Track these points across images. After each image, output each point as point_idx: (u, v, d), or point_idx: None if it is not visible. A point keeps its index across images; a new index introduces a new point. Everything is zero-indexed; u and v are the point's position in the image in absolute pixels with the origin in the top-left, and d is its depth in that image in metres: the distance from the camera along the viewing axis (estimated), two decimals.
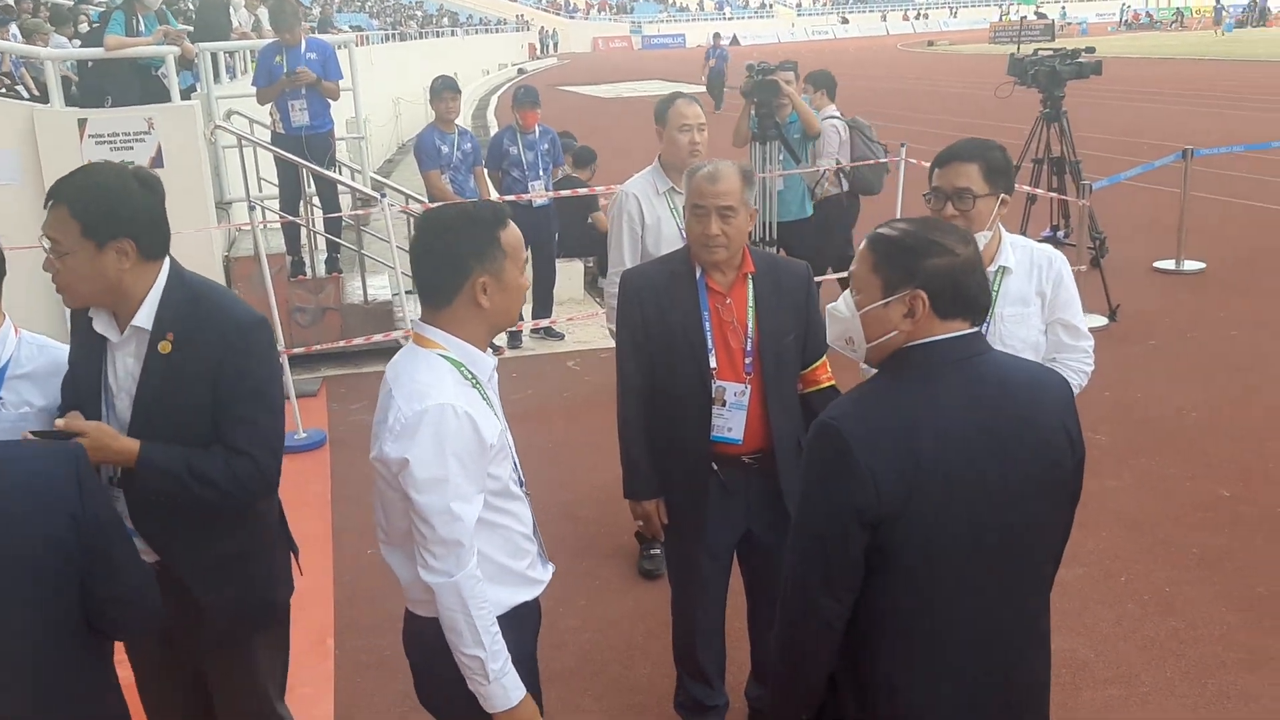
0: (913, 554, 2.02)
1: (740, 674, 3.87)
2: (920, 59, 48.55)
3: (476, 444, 2.30)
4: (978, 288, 2.09)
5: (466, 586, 2.30)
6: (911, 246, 2.08)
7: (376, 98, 18.42)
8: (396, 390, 2.33)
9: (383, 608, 4.58)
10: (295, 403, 6.53)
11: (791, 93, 7.30)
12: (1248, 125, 18.66)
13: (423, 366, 2.33)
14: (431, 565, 2.30)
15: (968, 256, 2.08)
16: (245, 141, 8.37)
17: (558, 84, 38.72)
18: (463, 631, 2.32)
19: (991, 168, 3.05)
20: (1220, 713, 3.77)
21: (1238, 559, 4.75)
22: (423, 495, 2.26)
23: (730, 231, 3.18)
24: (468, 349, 2.38)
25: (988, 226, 3.07)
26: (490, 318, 2.39)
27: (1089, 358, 3.28)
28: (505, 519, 2.45)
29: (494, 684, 2.35)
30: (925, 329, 2.07)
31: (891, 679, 2.08)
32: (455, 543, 2.29)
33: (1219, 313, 8.32)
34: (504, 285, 2.37)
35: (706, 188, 3.18)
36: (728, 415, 3.27)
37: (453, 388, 2.30)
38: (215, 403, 2.56)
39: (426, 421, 2.25)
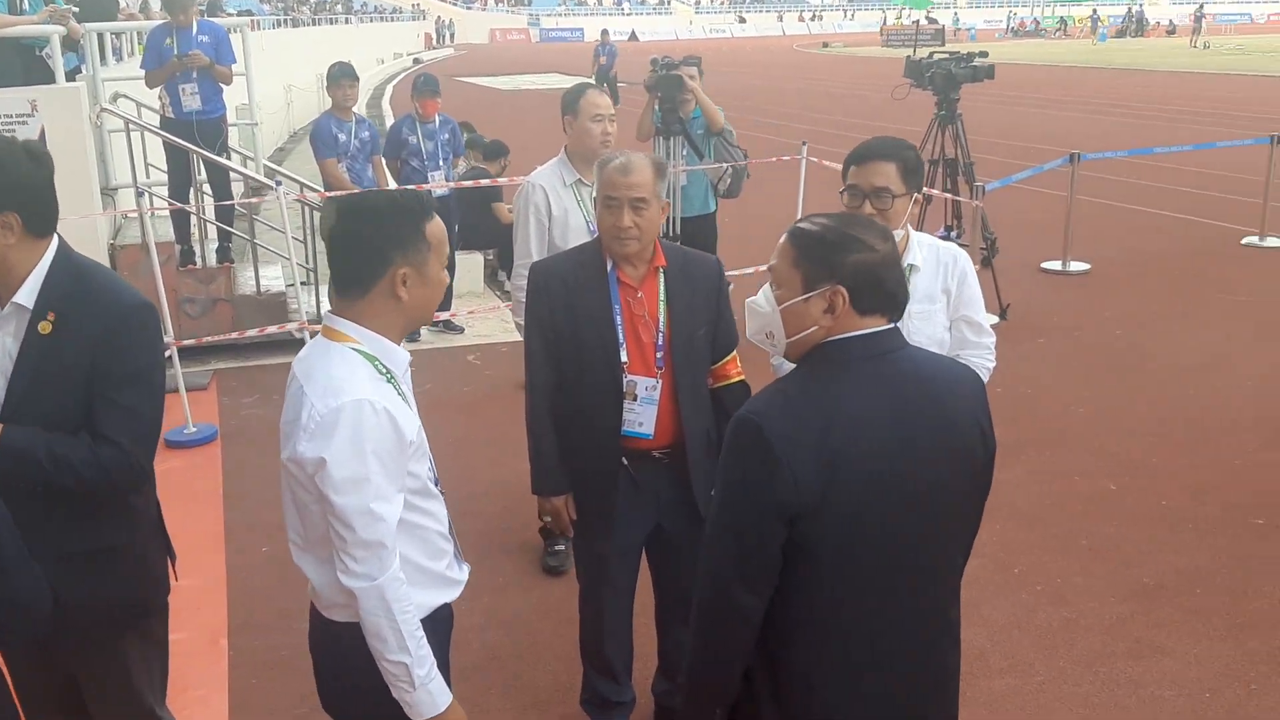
0: (829, 548, 2.03)
1: (647, 669, 3.86)
2: (816, 60, 49.29)
3: (396, 441, 2.22)
4: (896, 284, 2.10)
5: (390, 590, 2.22)
6: (833, 242, 2.08)
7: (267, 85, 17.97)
8: (308, 386, 2.22)
9: (277, 605, 4.46)
10: (185, 396, 6.32)
11: (695, 88, 7.30)
12: (1126, 130, 19.37)
13: (336, 361, 2.23)
14: (352, 569, 2.21)
15: (887, 252, 2.10)
16: (133, 126, 8.08)
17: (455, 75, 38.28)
18: (387, 637, 2.23)
19: (907, 167, 3.11)
20: (1109, 700, 3.88)
21: (1125, 550, 4.90)
22: (342, 496, 2.16)
23: (642, 224, 3.16)
24: (382, 343, 2.29)
25: (900, 225, 3.11)
26: (408, 311, 2.31)
27: (991, 354, 3.35)
28: (424, 519, 2.37)
29: (420, 690, 2.27)
30: (844, 325, 2.07)
31: (808, 674, 2.09)
32: (378, 544, 2.20)
33: (1103, 312, 8.60)
34: (425, 278, 2.29)
35: (619, 179, 3.15)
36: (639, 410, 3.25)
37: (368, 383, 2.21)
38: (90, 385, 2.44)
39: (343, 419, 2.15)
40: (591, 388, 3.24)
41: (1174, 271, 9.81)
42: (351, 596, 2.23)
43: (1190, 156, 14.19)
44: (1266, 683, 3.94)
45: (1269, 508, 5.25)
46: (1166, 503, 5.34)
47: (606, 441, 3.25)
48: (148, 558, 2.75)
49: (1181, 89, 29.30)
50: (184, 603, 4.47)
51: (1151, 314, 8.53)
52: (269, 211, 8.74)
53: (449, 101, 10.68)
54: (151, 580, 2.77)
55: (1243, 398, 6.70)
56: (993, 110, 22.15)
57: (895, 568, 2.07)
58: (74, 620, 2.55)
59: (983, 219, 8.77)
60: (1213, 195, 13.12)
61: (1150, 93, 28.35)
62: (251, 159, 9.62)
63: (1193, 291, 9.15)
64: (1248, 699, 3.86)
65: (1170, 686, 3.93)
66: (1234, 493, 5.42)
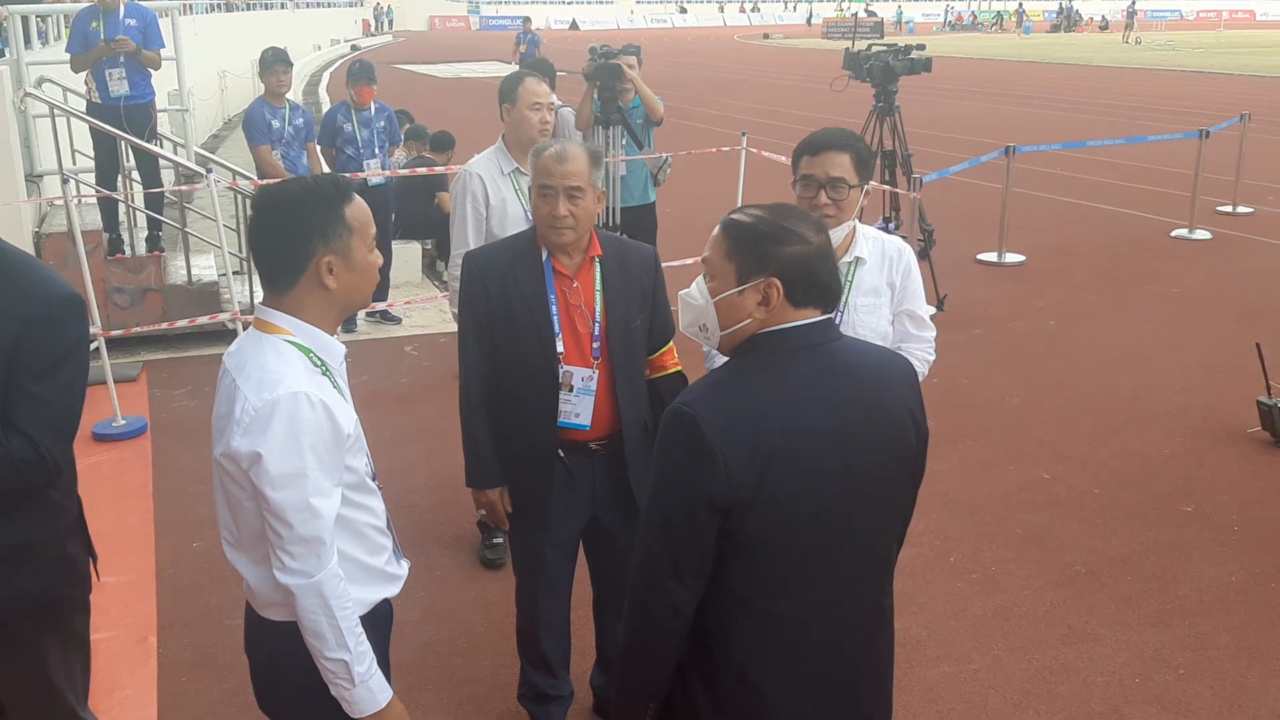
0: (763, 539, 2.02)
1: (585, 662, 3.84)
2: (757, 51, 49.45)
3: (333, 434, 2.16)
4: (830, 275, 2.09)
5: (329, 586, 2.16)
6: (766, 234, 2.07)
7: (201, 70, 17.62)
8: (241, 380, 2.16)
9: (208, 602, 4.37)
10: (113, 388, 6.17)
11: (634, 77, 7.28)
12: (1061, 124, 19.66)
13: (270, 353, 2.17)
14: (289, 566, 2.15)
15: (820, 244, 2.09)
16: (58, 111, 7.86)
17: (393, 62, 37.87)
18: (325, 635, 2.18)
19: (861, 159, 3.11)
20: (1042, 687, 3.93)
21: (1057, 538, 4.97)
22: (278, 491, 2.11)
23: (578, 213, 3.12)
24: (316, 334, 2.24)
25: (852, 217, 3.11)
26: (338, 300, 2.25)
27: (931, 347, 3.38)
28: (361, 514, 2.32)
29: (359, 687, 2.23)
30: (779, 317, 2.06)
31: (742, 665, 2.08)
32: (315, 540, 2.15)
33: (1037, 303, 8.72)
34: (351, 265, 2.23)
35: (554, 167, 3.11)
36: (575, 401, 3.22)
37: (304, 375, 2.16)
38: (6, 375, 2.37)
39: (279, 412, 2.10)
40: (527, 379, 3.20)
41: (1106, 263, 9.97)
42: (288, 594, 2.17)
43: (1123, 150, 14.45)
44: (1194, 668, 4.02)
45: (1196, 495, 5.35)
46: (1098, 491, 5.42)
47: (542, 433, 3.22)
48: (69, 554, 2.67)
49: (1115, 83, 29.82)
50: (112, 600, 4.40)
51: (1084, 305, 8.67)
52: (201, 200, 8.58)
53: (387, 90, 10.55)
54: (74, 577, 2.69)
55: (1171, 387, 6.83)
56: (930, 102, 22.37)
57: (829, 558, 2.06)
58: None
59: (920, 211, 8.84)
60: (1144, 188, 13.38)
61: (1085, 86, 28.82)
62: (183, 146, 9.43)
63: (1124, 283, 9.31)
64: (1176, 684, 3.93)
65: (1101, 672, 3.99)
66: (1162, 481, 5.52)
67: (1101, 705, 3.82)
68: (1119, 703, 3.83)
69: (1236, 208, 11.90)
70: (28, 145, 8.05)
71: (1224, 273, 9.61)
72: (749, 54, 46.87)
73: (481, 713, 3.78)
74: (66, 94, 8.83)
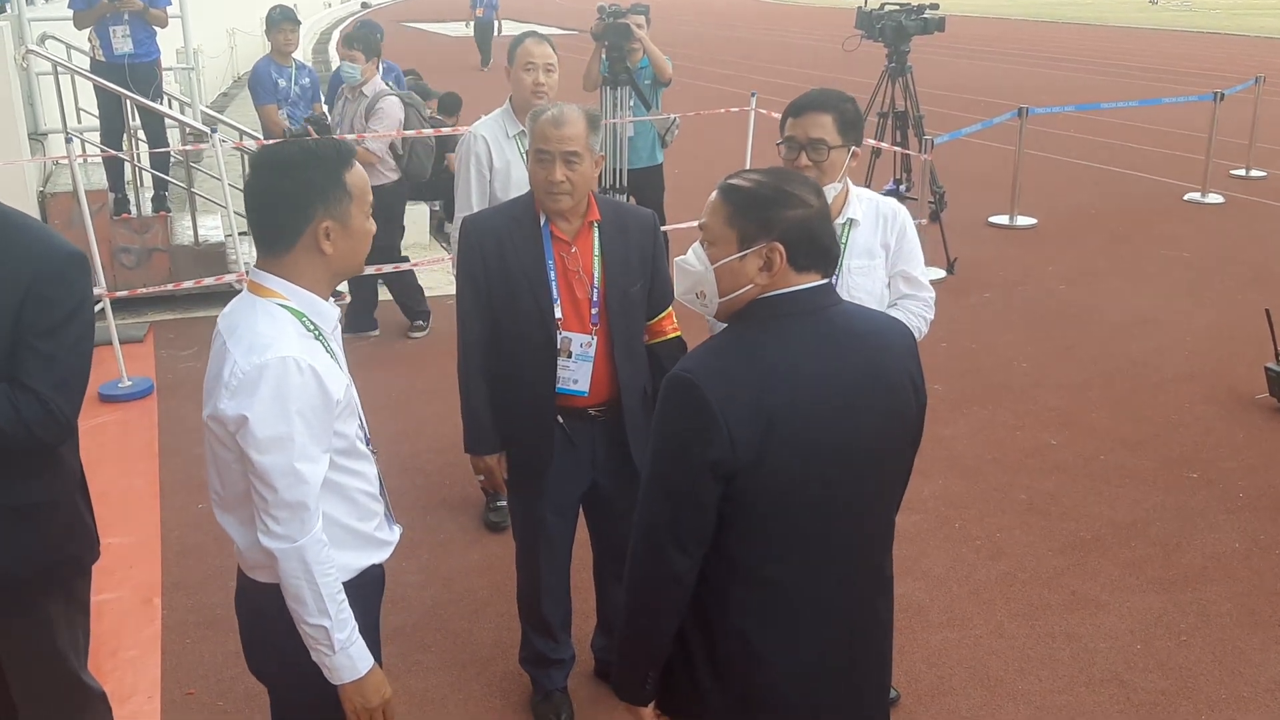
0: (765, 506, 2.01)
1: (586, 626, 3.85)
2: (771, 9, 48.93)
3: (321, 400, 2.15)
4: (830, 239, 2.08)
5: (311, 552, 2.16)
6: (768, 198, 2.04)
7: (210, 28, 17.51)
8: (232, 342, 2.15)
9: (212, 563, 4.40)
10: (119, 349, 6.17)
11: (643, 36, 7.20)
12: (1075, 85, 19.45)
13: (261, 317, 2.16)
14: (273, 530, 2.15)
15: (820, 208, 2.07)
16: (61, 68, 7.81)
17: (403, 20, 37.59)
18: (306, 600, 2.18)
19: (845, 119, 3.06)
20: (1045, 653, 3.93)
21: (1062, 504, 4.96)
22: (264, 455, 2.11)
23: (575, 178, 3.08)
24: (309, 298, 2.22)
25: (838, 178, 3.08)
26: (333, 264, 2.23)
27: (929, 307, 3.34)
28: (351, 479, 2.31)
29: (339, 654, 2.23)
30: (780, 281, 2.04)
31: (744, 632, 2.07)
32: (300, 505, 2.14)
33: (1048, 266, 8.65)
34: (349, 230, 2.21)
35: (551, 132, 3.06)
36: (574, 367, 3.19)
37: (295, 340, 2.15)
38: (14, 335, 2.37)
39: (267, 376, 2.09)
40: (525, 345, 3.18)
41: (1118, 227, 9.89)
42: (271, 558, 2.18)
43: (1137, 112, 14.31)
44: (1196, 634, 4.01)
45: (1203, 461, 5.33)
46: (1104, 457, 5.40)
47: (541, 400, 3.20)
48: (80, 514, 2.68)
49: (1130, 44, 29.46)
50: (117, 561, 4.42)
51: (1095, 269, 8.60)
52: (208, 160, 8.54)
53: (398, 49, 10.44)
54: (84, 538, 2.71)
55: (1180, 352, 6.78)
56: (943, 63, 22.14)
57: (830, 524, 2.05)
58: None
59: (931, 172, 8.76)
60: (1158, 151, 13.24)
61: (1099, 47, 28.48)
62: (189, 105, 9.37)
63: (1136, 247, 9.24)
64: (1178, 650, 3.93)
65: (1104, 639, 3.99)
66: (1169, 446, 5.50)
67: (1103, 671, 3.82)
68: (1120, 668, 3.83)
69: (1250, 171, 11.77)
70: (31, 103, 8.01)
71: (1236, 237, 9.52)
72: (763, 12, 46.39)
73: (483, 676, 3.80)
74: (70, 51, 8.77)
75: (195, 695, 3.72)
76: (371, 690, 2.30)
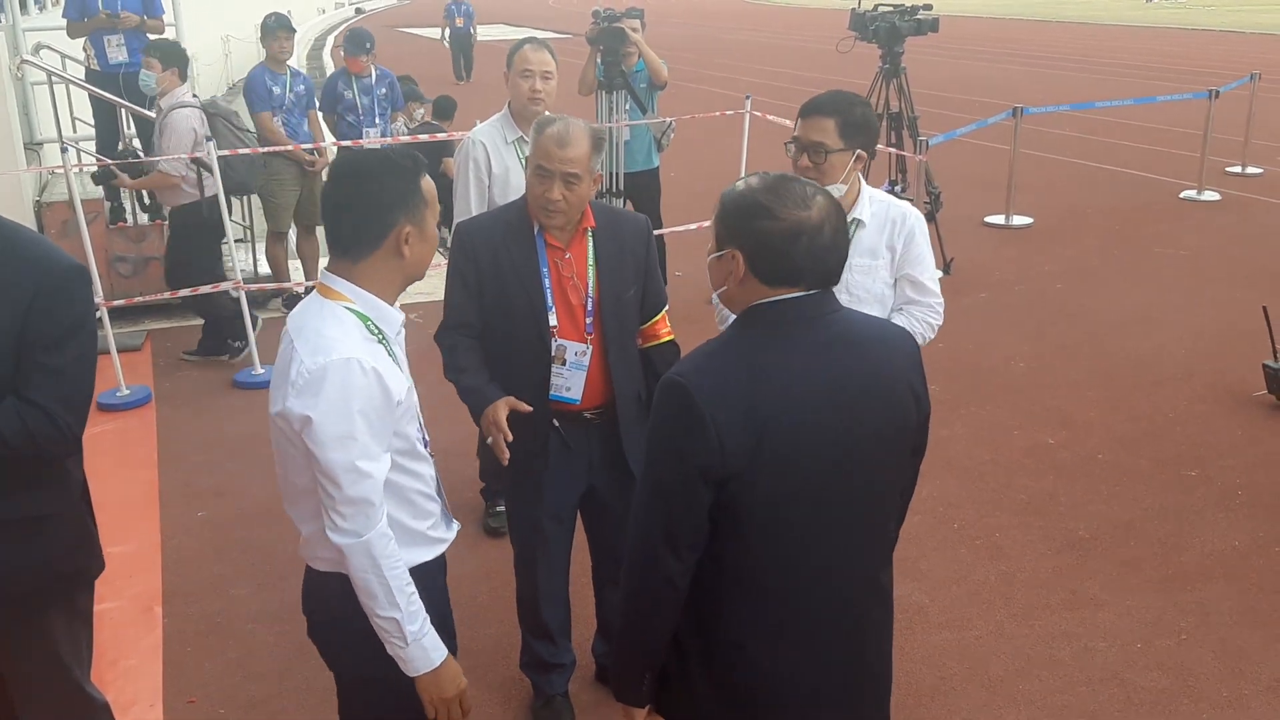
0: (760, 513, 2.00)
1: (587, 630, 3.85)
2: (767, 11, 48.99)
3: (383, 401, 2.23)
4: (809, 256, 2.00)
5: (378, 546, 2.23)
6: (741, 206, 2.04)
7: (205, 36, 17.52)
8: (299, 343, 2.23)
9: (212, 572, 4.39)
10: (116, 358, 6.17)
11: (639, 40, 7.20)
12: (1070, 84, 19.48)
13: (329, 319, 2.24)
14: (340, 526, 2.22)
15: (796, 223, 1.99)
16: (56, 78, 7.82)
17: (398, 25, 37.60)
18: (376, 593, 2.25)
19: (848, 123, 3.07)
20: (1044, 653, 3.93)
21: (1061, 503, 4.96)
22: (328, 453, 2.18)
23: (572, 198, 3.06)
24: (376, 302, 2.30)
25: (841, 180, 3.09)
26: (407, 269, 2.32)
27: (935, 313, 3.35)
28: (409, 480, 2.39)
29: (413, 645, 2.29)
30: (752, 290, 2.04)
31: (740, 639, 2.07)
32: (364, 501, 2.22)
33: (1045, 266, 8.66)
34: (425, 235, 2.31)
35: (554, 151, 3.02)
36: (567, 375, 3.19)
37: (359, 342, 2.23)
38: (18, 349, 2.38)
39: (331, 376, 2.17)
40: (519, 352, 3.18)
41: (1114, 225, 9.90)
42: (340, 554, 2.25)
43: (1132, 111, 14.32)
44: (1195, 632, 4.02)
45: (1201, 459, 5.34)
46: (1102, 456, 5.40)
47: (536, 405, 3.18)
48: (86, 526, 2.69)
49: (1124, 43, 29.51)
50: (117, 571, 4.40)
51: (1091, 268, 8.61)
52: None
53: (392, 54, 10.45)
54: (90, 549, 2.71)
55: (1178, 350, 6.79)
56: (939, 63, 22.17)
57: (825, 532, 2.05)
58: (5, 591, 2.49)
59: (927, 173, 8.78)
60: (1153, 149, 13.26)
61: (1094, 46, 28.53)
62: None
63: (1132, 245, 9.25)
64: (1177, 649, 3.93)
65: (1103, 638, 4.00)
66: (1167, 445, 5.51)
67: (1102, 671, 3.82)
68: (1120, 668, 3.83)
69: (1246, 168, 11.79)
70: (26, 113, 8.01)
71: (1233, 234, 9.54)
72: (759, 14, 46.44)
73: (484, 681, 3.80)
74: (65, 61, 8.77)
75: (197, 704, 3.72)
76: (447, 681, 2.37)
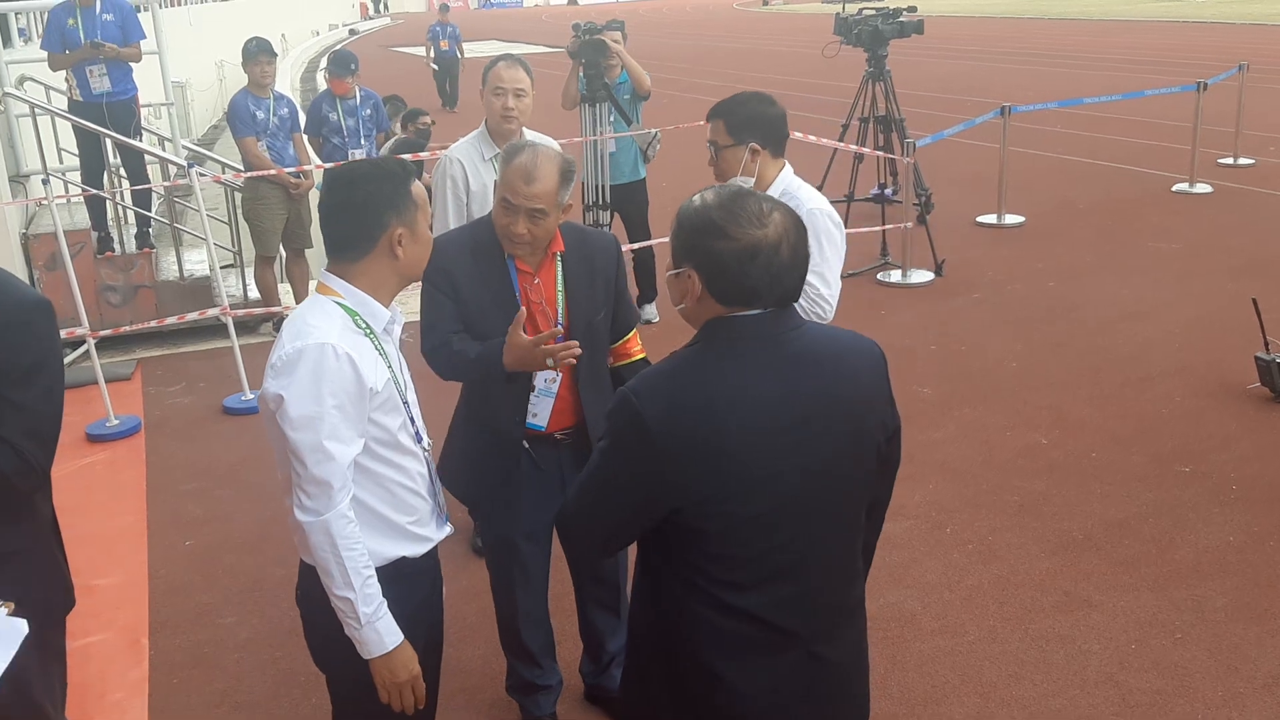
0: (720, 534, 1.97)
1: (574, 650, 3.81)
2: (756, 19, 49.04)
3: (356, 386, 2.31)
4: (766, 276, 1.95)
5: (336, 525, 2.30)
6: (696, 225, 2.00)
7: (198, 61, 17.57)
8: (285, 330, 2.37)
9: (199, 601, 4.37)
10: (104, 388, 6.15)
11: (621, 51, 7.20)
12: (1058, 80, 19.45)
13: (315, 310, 2.37)
14: (304, 504, 2.31)
15: (752, 243, 1.94)
16: (40, 110, 7.82)
17: (390, 45, 37.68)
18: (333, 572, 2.32)
19: (736, 120, 3.28)
20: (1038, 656, 3.89)
21: (1054, 504, 4.92)
22: (296, 432, 2.27)
23: (537, 231, 3.02)
24: (364, 298, 2.40)
25: (742, 173, 3.25)
26: (402, 269, 2.42)
27: (820, 306, 3.30)
28: (389, 470, 2.45)
29: (366, 628, 2.35)
30: (710, 308, 2.01)
31: (705, 660, 2.03)
32: (326, 482, 2.29)
33: (1036, 264, 8.63)
34: (417, 237, 2.41)
35: (520, 187, 2.95)
36: (535, 401, 3.15)
37: (339, 331, 2.32)
38: None
39: (304, 359, 2.27)
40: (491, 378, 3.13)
41: (1106, 221, 9.86)
42: (301, 531, 2.33)
43: (1121, 105, 14.26)
44: (1190, 631, 3.98)
45: (1194, 455, 5.30)
46: (1095, 455, 5.36)
47: (507, 428, 3.16)
48: (56, 561, 2.66)
49: (1112, 38, 29.48)
50: (103, 603, 4.40)
51: (1083, 264, 8.57)
52: (193, 195, 8.52)
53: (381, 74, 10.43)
54: (60, 584, 2.68)
55: (1170, 345, 6.75)
56: (926, 64, 22.16)
57: (788, 551, 2.00)
58: None
59: (916, 174, 8.75)
60: (1144, 143, 13.23)
61: (1082, 41, 28.50)
62: (169, 141, 9.38)
63: (1124, 240, 9.21)
64: (1172, 649, 3.89)
65: (1097, 640, 3.96)
66: (1161, 441, 5.46)
67: (1097, 673, 3.78)
68: (1114, 669, 3.79)
69: (1237, 160, 11.75)
70: (11, 146, 8.01)
71: (1225, 226, 9.49)
72: (747, 22, 46.49)
73: (472, 704, 3.77)
74: (49, 93, 8.78)
75: None
76: (400, 665, 2.41)
